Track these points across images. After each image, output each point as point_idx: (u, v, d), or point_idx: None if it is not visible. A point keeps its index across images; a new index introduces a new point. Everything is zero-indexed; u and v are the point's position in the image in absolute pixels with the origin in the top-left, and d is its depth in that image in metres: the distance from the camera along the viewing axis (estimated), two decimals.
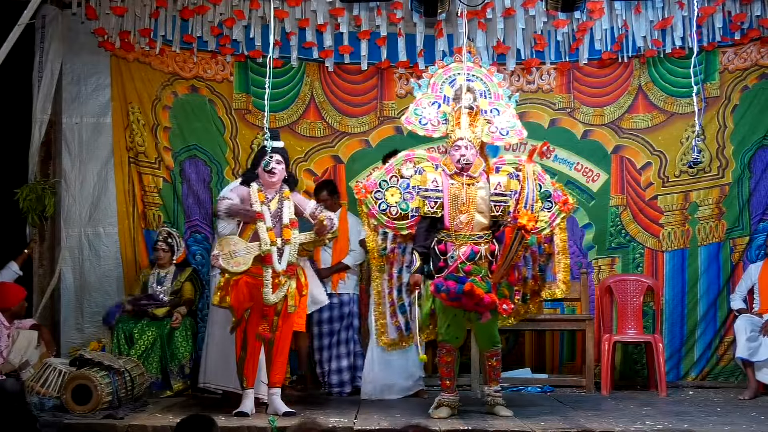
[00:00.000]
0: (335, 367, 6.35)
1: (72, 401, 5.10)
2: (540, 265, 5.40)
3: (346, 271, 6.42)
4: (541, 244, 5.36)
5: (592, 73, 7.13)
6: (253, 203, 5.26)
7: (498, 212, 5.18)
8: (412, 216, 5.31)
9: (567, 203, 5.36)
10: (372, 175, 5.48)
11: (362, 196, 5.37)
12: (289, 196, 5.38)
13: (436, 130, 5.42)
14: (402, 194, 5.35)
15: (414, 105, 5.49)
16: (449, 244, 5.14)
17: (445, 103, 5.45)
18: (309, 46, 6.96)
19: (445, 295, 4.96)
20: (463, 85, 5.36)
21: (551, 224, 5.36)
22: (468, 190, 5.16)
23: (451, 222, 5.14)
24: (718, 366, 6.91)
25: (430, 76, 5.55)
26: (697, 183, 7.01)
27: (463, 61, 5.46)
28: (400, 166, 5.41)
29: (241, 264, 5.12)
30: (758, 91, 6.98)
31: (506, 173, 5.32)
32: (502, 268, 5.04)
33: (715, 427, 4.91)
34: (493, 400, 5.34)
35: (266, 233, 5.18)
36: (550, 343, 7.10)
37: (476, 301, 4.92)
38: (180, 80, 7.09)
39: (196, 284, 6.58)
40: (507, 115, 5.46)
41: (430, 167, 5.34)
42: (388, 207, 5.34)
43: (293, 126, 7.15)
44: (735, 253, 6.94)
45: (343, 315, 6.37)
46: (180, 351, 6.21)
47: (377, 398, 6.03)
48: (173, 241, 6.52)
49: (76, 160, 6.96)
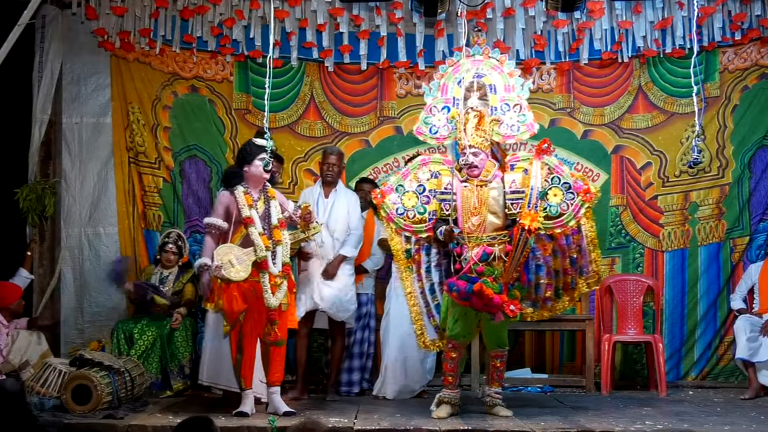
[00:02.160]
0: (346, 366, 6.34)
1: (72, 401, 5.10)
2: (570, 257, 5.30)
3: (364, 274, 6.39)
4: (568, 236, 5.27)
5: (592, 73, 7.14)
6: (240, 207, 5.21)
7: (516, 210, 5.16)
8: (430, 219, 5.34)
9: (589, 192, 5.23)
10: (389, 180, 5.54)
11: (380, 201, 5.42)
12: (274, 195, 5.38)
13: (447, 137, 5.43)
14: (419, 198, 5.38)
15: (424, 113, 5.49)
16: (463, 246, 5.16)
17: (455, 106, 5.42)
18: (309, 46, 6.97)
19: (456, 294, 4.99)
20: (473, 83, 5.33)
21: (575, 215, 5.23)
22: (480, 192, 5.18)
23: (464, 224, 5.16)
24: (718, 366, 6.91)
25: (440, 77, 5.52)
26: (697, 183, 7.01)
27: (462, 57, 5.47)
28: (416, 171, 5.43)
29: (241, 272, 5.12)
30: (758, 91, 6.98)
31: (521, 170, 5.28)
32: (510, 268, 5.06)
33: (715, 427, 4.91)
34: (492, 401, 5.35)
35: (260, 238, 5.15)
36: (550, 343, 7.10)
37: (485, 302, 4.92)
38: (180, 80, 7.10)
39: (198, 285, 6.57)
40: (518, 108, 5.39)
41: (446, 171, 5.36)
42: (405, 211, 5.38)
43: (293, 126, 7.16)
44: (735, 253, 6.95)
45: (360, 315, 6.36)
46: (180, 351, 6.21)
47: (390, 398, 6.04)
48: (182, 244, 6.53)
49: (76, 160, 6.96)
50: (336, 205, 6.07)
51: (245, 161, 5.32)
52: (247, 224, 5.18)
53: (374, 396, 6.15)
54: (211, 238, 5.25)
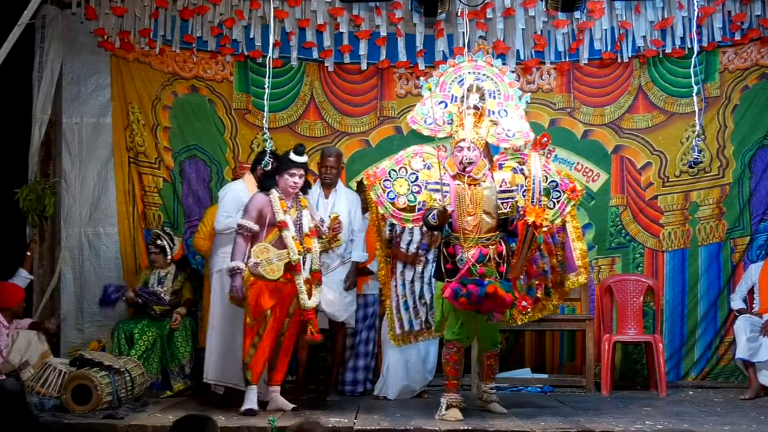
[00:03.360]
0: (351, 365, 6.33)
1: (72, 401, 5.10)
2: (557, 255, 5.36)
3: (369, 276, 6.38)
4: (554, 234, 5.32)
5: (592, 73, 7.13)
6: (276, 211, 5.29)
7: (506, 209, 5.19)
8: (419, 209, 5.30)
9: (575, 190, 5.29)
10: (381, 164, 5.49)
11: (371, 182, 5.36)
12: (306, 205, 5.48)
13: (441, 130, 5.40)
14: (410, 186, 5.34)
15: (420, 104, 5.48)
16: (458, 246, 5.14)
17: (453, 102, 5.42)
18: (309, 46, 6.97)
19: (465, 299, 4.91)
20: (473, 85, 5.34)
21: (561, 213, 5.29)
22: (474, 191, 5.17)
23: (459, 224, 5.15)
24: (719, 366, 6.91)
25: (440, 75, 5.52)
26: (697, 183, 7.01)
27: (461, 59, 5.48)
28: (410, 159, 5.39)
29: (276, 271, 5.21)
30: (758, 91, 6.98)
31: (510, 168, 5.31)
32: (519, 263, 5.05)
33: (715, 427, 4.91)
34: (488, 397, 5.40)
35: (293, 242, 5.25)
36: (550, 343, 7.10)
37: (498, 303, 4.91)
38: (180, 80, 7.09)
39: (196, 284, 6.57)
40: (516, 116, 5.42)
41: (438, 164, 5.34)
42: (396, 196, 5.33)
43: (293, 126, 7.15)
44: (735, 253, 6.94)
45: (366, 315, 6.36)
46: (180, 351, 6.21)
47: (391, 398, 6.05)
48: (163, 242, 6.45)
49: (76, 160, 6.96)
50: (337, 206, 6.06)
51: (277, 172, 5.41)
52: (282, 227, 5.27)
53: (375, 396, 6.15)
54: (243, 239, 5.30)
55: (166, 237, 6.50)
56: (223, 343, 5.66)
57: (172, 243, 6.50)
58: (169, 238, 6.50)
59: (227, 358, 5.60)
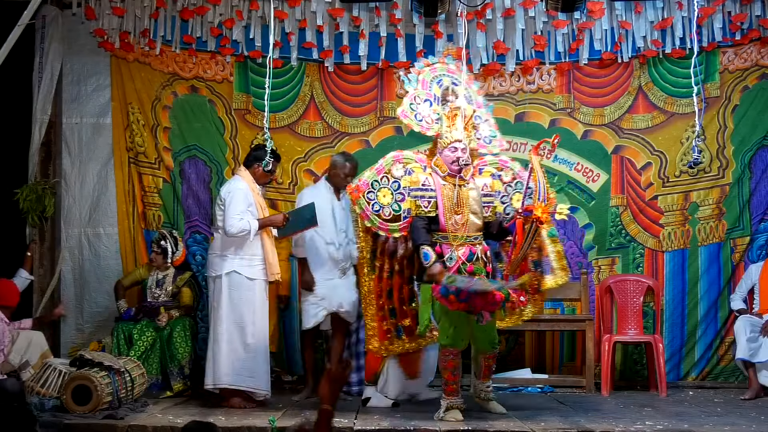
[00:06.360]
0: (354, 365, 6.33)
1: (72, 401, 5.09)
2: (533, 261, 5.27)
3: None
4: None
5: (592, 74, 7.13)
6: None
7: (487, 213, 5.25)
8: (404, 218, 5.27)
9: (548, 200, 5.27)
10: (364, 175, 5.42)
11: (356, 197, 5.31)
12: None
13: (430, 129, 5.40)
14: (393, 195, 5.30)
15: (409, 99, 5.46)
16: (445, 246, 5.14)
17: (436, 102, 5.44)
18: (309, 46, 6.96)
19: (454, 297, 4.86)
20: (452, 88, 5.38)
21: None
22: (460, 191, 5.19)
23: (447, 223, 5.14)
24: (719, 366, 6.91)
25: (418, 73, 5.53)
26: (697, 183, 7.01)
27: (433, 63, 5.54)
28: (390, 167, 5.35)
29: None
30: (758, 92, 6.98)
31: (489, 174, 5.41)
32: (517, 259, 5.05)
33: (715, 427, 4.91)
34: (486, 395, 5.40)
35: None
36: (550, 344, 7.09)
37: (489, 300, 4.87)
38: (180, 80, 7.09)
39: (195, 289, 6.56)
40: (488, 124, 5.53)
41: (419, 168, 5.33)
42: (381, 208, 5.29)
43: (293, 126, 7.15)
44: (736, 253, 6.94)
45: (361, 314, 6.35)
46: (179, 352, 6.20)
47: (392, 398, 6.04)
48: (167, 244, 6.45)
49: (76, 161, 6.97)
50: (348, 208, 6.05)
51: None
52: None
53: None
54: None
55: (171, 240, 6.48)
56: (230, 347, 5.57)
57: (176, 248, 6.49)
58: (174, 241, 6.49)
59: (241, 361, 5.55)
